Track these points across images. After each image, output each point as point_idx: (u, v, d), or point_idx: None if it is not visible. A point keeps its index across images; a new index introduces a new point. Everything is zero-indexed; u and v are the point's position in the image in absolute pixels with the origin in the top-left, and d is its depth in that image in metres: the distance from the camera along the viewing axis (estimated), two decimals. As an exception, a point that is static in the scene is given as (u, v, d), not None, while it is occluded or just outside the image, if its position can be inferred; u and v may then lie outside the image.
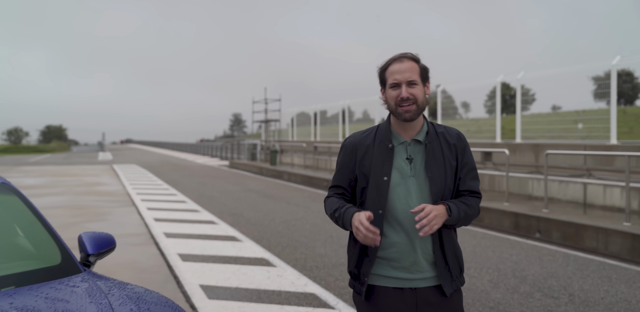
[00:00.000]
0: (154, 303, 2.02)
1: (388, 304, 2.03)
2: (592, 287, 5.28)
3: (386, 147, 2.07)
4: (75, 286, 2.11)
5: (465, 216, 2.05)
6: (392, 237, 2.03)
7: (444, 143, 2.11)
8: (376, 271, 2.06)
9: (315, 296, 4.96)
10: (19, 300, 1.91)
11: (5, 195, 2.59)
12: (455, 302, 2.10)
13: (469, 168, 2.14)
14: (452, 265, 2.07)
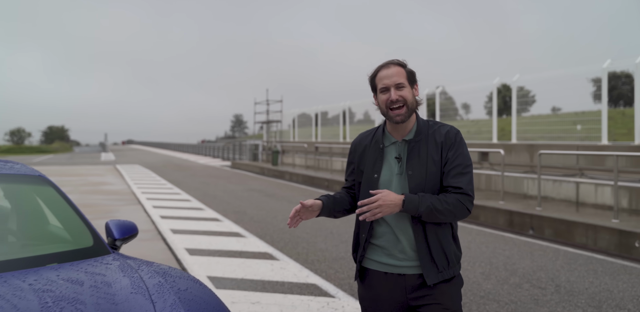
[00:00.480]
0: (179, 277, 2.33)
1: (379, 286, 2.21)
2: (578, 279, 5.59)
3: (378, 148, 2.26)
4: (108, 263, 2.43)
5: (435, 211, 2.07)
6: (381, 228, 2.21)
7: (432, 142, 2.20)
8: (370, 255, 2.24)
9: (316, 286, 5.27)
10: (64, 273, 2.23)
11: (41, 186, 2.91)
12: (445, 292, 2.17)
13: (455, 164, 2.16)
14: (437, 258, 2.14)
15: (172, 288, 2.17)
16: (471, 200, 2.15)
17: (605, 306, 4.70)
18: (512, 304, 4.72)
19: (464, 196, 2.13)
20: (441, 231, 2.17)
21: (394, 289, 2.19)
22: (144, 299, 2.05)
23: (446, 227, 2.19)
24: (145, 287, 2.15)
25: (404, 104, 2.17)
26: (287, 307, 4.58)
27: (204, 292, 2.24)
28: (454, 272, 2.19)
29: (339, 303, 4.73)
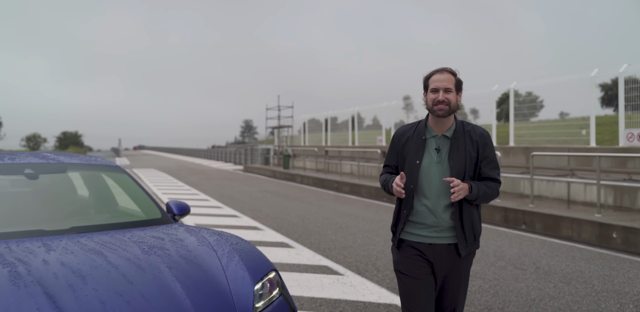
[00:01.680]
0: (229, 236, 3.18)
1: (411, 252, 2.68)
2: (556, 263, 6.38)
3: (421, 139, 2.68)
4: (176, 228, 3.29)
5: (485, 195, 2.59)
6: (418, 206, 2.65)
7: (468, 139, 2.64)
8: (407, 229, 2.70)
9: (328, 267, 6.11)
10: (148, 232, 3.09)
11: (119, 173, 3.79)
12: (465, 262, 2.66)
13: (489, 160, 2.66)
14: (468, 233, 2.61)
15: (226, 242, 3.02)
16: (500, 184, 2.73)
17: (574, 282, 5.50)
18: (494, 281, 5.53)
19: (498, 184, 2.71)
20: (474, 211, 2.65)
21: (424, 254, 2.66)
22: (208, 249, 2.90)
23: (476, 209, 2.66)
24: (208, 241, 3.01)
25: (448, 104, 2.61)
26: (303, 282, 5.41)
27: (248, 245, 3.09)
28: (476, 247, 2.69)
29: (347, 279, 5.57)
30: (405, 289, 2.70)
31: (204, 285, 2.54)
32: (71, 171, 3.67)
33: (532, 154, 9.83)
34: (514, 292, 5.12)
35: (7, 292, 2.20)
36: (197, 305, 2.39)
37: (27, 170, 3.45)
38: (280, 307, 2.69)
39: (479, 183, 2.60)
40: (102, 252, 2.69)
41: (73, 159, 3.79)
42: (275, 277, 2.85)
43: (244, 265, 2.77)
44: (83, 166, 3.75)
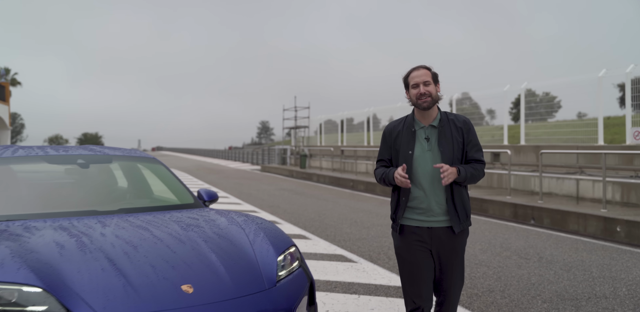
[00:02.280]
0: (255, 217, 3.63)
1: (412, 237, 2.92)
2: (559, 253, 6.73)
3: (410, 131, 2.95)
4: (207, 211, 3.75)
5: (472, 176, 2.86)
6: (415, 192, 2.90)
7: (453, 127, 2.92)
8: (406, 215, 2.94)
9: (342, 256, 6.54)
10: (184, 214, 3.55)
11: (156, 164, 4.27)
12: (460, 239, 2.91)
13: (473, 144, 2.94)
14: (460, 212, 2.87)
15: (252, 221, 3.47)
16: (485, 165, 2.98)
17: (574, 269, 5.85)
18: (498, 268, 5.91)
19: (483, 165, 2.97)
20: (463, 192, 2.92)
21: (423, 238, 2.91)
22: (237, 227, 3.35)
23: (465, 190, 2.94)
24: (236, 221, 3.46)
25: (430, 96, 2.88)
26: (319, 268, 5.84)
27: (271, 225, 3.53)
28: (468, 224, 2.95)
29: (361, 266, 5.99)
30: (405, 272, 2.98)
31: (235, 256, 2.99)
32: (115, 161, 4.16)
33: (541, 152, 10.15)
34: (516, 277, 5.49)
35: (77, 256, 2.67)
36: (230, 271, 2.84)
37: (79, 160, 3.94)
38: (300, 276, 3.12)
39: (466, 166, 2.89)
40: (148, 228, 3.16)
41: (116, 152, 4.28)
42: (295, 252, 3.28)
43: (268, 240, 3.21)
44: (125, 157, 4.24)
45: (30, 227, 3.02)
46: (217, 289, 2.71)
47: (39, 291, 2.41)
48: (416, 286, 2.93)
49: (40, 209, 3.44)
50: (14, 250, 2.63)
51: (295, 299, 2.93)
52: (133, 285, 2.57)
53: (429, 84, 2.90)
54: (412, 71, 2.95)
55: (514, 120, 26.27)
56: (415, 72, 2.92)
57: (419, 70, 2.92)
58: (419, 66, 2.95)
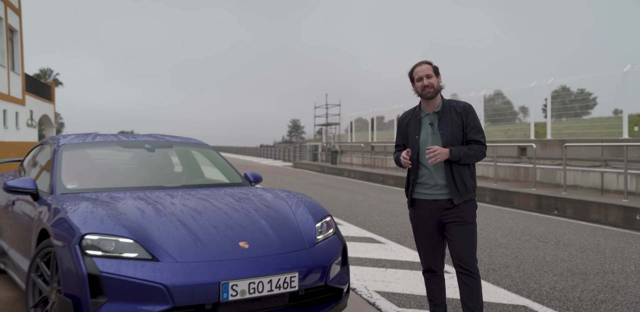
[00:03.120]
0: (297, 193, 4.23)
1: (421, 208, 3.37)
2: (577, 238, 7.14)
3: (417, 118, 3.40)
4: (254, 188, 4.36)
5: (466, 155, 3.21)
6: (422, 171, 3.34)
7: (454, 112, 3.30)
8: (416, 190, 3.39)
9: (372, 238, 7.11)
10: (236, 190, 4.18)
11: (208, 149, 4.93)
12: (464, 209, 3.26)
13: (472, 126, 3.30)
14: (460, 187, 3.25)
15: (294, 196, 4.07)
16: (486, 147, 3.30)
17: (588, 251, 6.28)
18: (517, 249, 6.38)
19: (482, 146, 3.30)
20: (462, 170, 3.30)
21: (431, 209, 3.33)
22: (281, 200, 3.95)
23: (464, 168, 3.30)
24: (280, 196, 4.06)
25: (432, 87, 3.30)
26: (350, 248, 6.41)
27: (310, 199, 4.11)
28: (470, 197, 3.30)
29: (388, 246, 6.55)
30: (418, 238, 3.45)
31: (280, 222, 3.59)
32: (175, 146, 4.83)
33: (565, 145, 10.49)
34: (532, 256, 5.96)
35: (155, 218, 3.32)
36: (277, 233, 3.44)
37: (146, 145, 4.62)
38: (334, 240, 3.70)
39: (461, 147, 3.23)
40: (208, 199, 3.79)
41: (175, 138, 4.95)
42: (331, 221, 3.86)
43: (308, 211, 3.80)
44: (183, 143, 4.91)
45: (115, 197, 3.69)
46: (267, 246, 3.32)
47: (131, 242, 3.06)
48: (426, 250, 3.45)
49: (119, 184, 4.12)
50: (108, 212, 3.29)
51: (330, 257, 3.52)
52: (201, 240, 3.20)
53: (431, 77, 3.31)
54: (415, 67, 3.37)
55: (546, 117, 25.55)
56: (418, 67, 3.35)
57: (422, 65, 3.35)
58: (421, 62, 3.38)
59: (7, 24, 20.77)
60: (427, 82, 3.30)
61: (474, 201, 3.38)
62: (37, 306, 3.38)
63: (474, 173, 3.41)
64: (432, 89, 3.31)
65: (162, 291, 2.90)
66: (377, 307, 4.14)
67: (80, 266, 2.94)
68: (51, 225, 3.26)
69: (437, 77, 3.36)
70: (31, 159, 5.01)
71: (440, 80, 3.38)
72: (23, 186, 3.82)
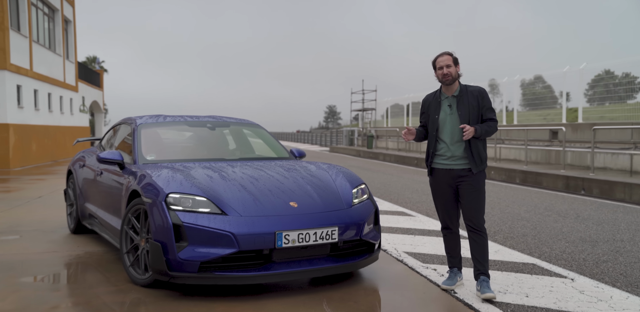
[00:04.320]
0: (336, 165, 4.94)
1: (440, 177, 4.00)
2: (597, 214, 7.64)
3: (437, 101, 4.02)
4: (300, 161, 5.09)
5: (486, 132, 3.84)
6: (440, 145, 3.97)
7: (470, 95, 3.91)
8: (435, 160, 4.03)
9: (403, 212, 7.78)
10: (284, 162, 4.92)
11: (259, 129, 5.69)
12: (476, 177, 3.88)
13: (486, 108, 3.91)
14: (476, 158, 3.87)
15: (334, 167, 4.78)
16: (497, 122, 3.97)
17: (604, 224, 6.79)
18: (536, 222, 6.95)
19: (495, 123, 3.95)
20: (479, 144, 3.92)
21: (447, 177, 3.98)
22: (323, 171, 4.66)
23: (480, 142, 3.93)
24: (322, 167, 4.77)
25: (450, 75, 3.90)
26: (383, 220, 7.09)
27: (348, 170, 4.82)
28: (484, 167, 3.96)
29: (418, 218, 7.22)
30: (436, 201, 4.12)
31: (323, 187, 4.31)
32: (232, 125, 5.61)
33: (594, 128, 10.84)
34: (549, 228, 6.53)
35: (221, 182, 4.08)
36: (320, 196, 4.17)
37: (208, 125, 5.41)
38: (368, 204, 4.40)
39: (482, 125, 3.87)
40: (262, 169, 4.54)
41: (231, 119, 5.73)
42: (365, 188, 4.56)
43: (346, 179, 4.51)
44: (237, 123, 5.68)
45: (187, 166, 4.48)
46: (312, 206, 4.05)
47: (204, 200, 3.84)
48: (443, 211, 4.11)
49: (188, 156, 4.93)
50: (184, 177, 4.08)
51: (364, 217, 4.22)
52: (259, 200, 3.96)
53: (450, 67, 3.90)
54: (438, 57, 3.99)
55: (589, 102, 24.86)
56: (440, 58, 3.96)
57: (443, 56, 3.97)
58: (443, 53, 4.00)
59: (63, 15, 22.05)
60: (447, 71, 3.93)
61: (484, 171, 4.03)
62: (129, 252, 4.22)
63: (485, 147, 4.07)
64: (450, 77, 3.93)
65: (231, 238, 3.68)
66: (405, 263, 4.83)
67: (167, 218, 3.74)
68: (141, 187, 4.07)
69: (456, 66, 3.99)
70: (110, 138, 5.88)
71: (459, 69, 3.99)
72: (113, 157, 4.66)
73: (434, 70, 4.04)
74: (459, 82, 4.06)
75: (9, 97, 15.82)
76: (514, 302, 3.73)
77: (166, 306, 3.61)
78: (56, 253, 5.18)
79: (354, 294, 3.92)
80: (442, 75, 3.95)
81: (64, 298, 3.86)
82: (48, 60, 19.94)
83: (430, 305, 3.76)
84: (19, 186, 11.35)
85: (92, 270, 4.57)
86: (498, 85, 21.59)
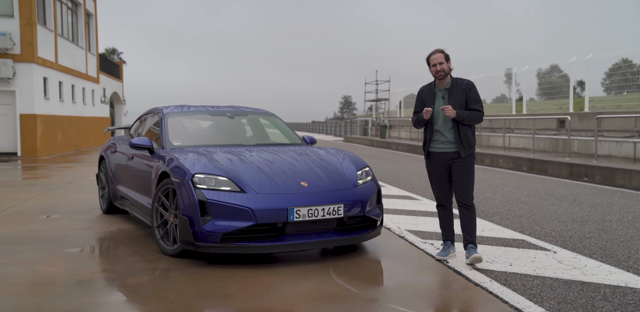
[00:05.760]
0: (344, 150, 5.44)
1: (435, 159, 4.51)
2: (594, 198, 8.05)
3: (432, 93, 4.53)
4: (311, 147, 5.60)
5: (468, 117, 4.29)
6: (435, 132, 4.47)
7: (459, 88, 4.39)
8: (431, 145, 4.52)
9: (409, 196, 8.27)
10: (297, 148, 5.44)
11: (275, 118, 6.21)
12: (466, 160, 4.38)
13: (472, 99, 4.37)
14: (465, 143, 4.35)
15: (341, 152, 5.28)
16: (483, 114, 4.43)
17: (599, 207, 7.22)
18: (533, 205, 7.39)
19: (480, 113, 4.41)
20: (467, 130, 4.41)
21: (441, 159, 4.49)
22: (331, 155, 5.16)
23: (468, 128, 4.41)
24: (331, 152, 5.28)
25: (443, 71, 4.40)
26: (390, 204, 7.59)
27: (354, 154, 5.32)
28: (472, 152, 4.45)
29: (422, 202, 7.70)
30: (432, 181, 4.69)
31: (330, 169, 4.82)
32: (249, 114, 6.14)
33: (597, 116, 11.17)
34: (546, 210, 6.98)
35: (240, 164, 4.61)
36: (328, 177, 4.68)
37: (227, 114, 5.95)
38: (371, 184, 4.90)
39: (465, 111, 4.37)
40: (277, 154, 5.06)
41: (248, 109, 6.27)
42: (369, 170, 5.06)
43: (351, 162, 5.02)
44: (254, 112, 6.21)
45: (209, 151, 5.01)
46: (320, 185, 4.57)
47: (226, 180, 4.38)
48: (438, 190, 4.64)
49: (210, 142, 5.47)
50: (208, 159, 4.62)
51: (367, 195, 4.73)
52: (274, 180, 4.48)
53: (443, 63, 4.40)
54: (431, 55, 4.47)
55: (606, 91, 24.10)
56: (433, 56, 4.45)
57: (436, 54, 4.46)
58: (435, 50, 4.49)
59: (85, 9, 22.72)
60: (440, 68, 4.43)
61: (474, 154, 4.53)
62: (159, 226, 4.79)
63: (474, 133, 4.56)
64: (443, 72, 4.43)
65: (249, 212, 4.21)
66: (406, 239, 5.34)
67: (193, 195, 4.29)
68: (170, 168, 4.62)
69: (448, 62, 4.47)
70: (138, 127, 6.45)
71: (450, 64, 4.48)
72: (144, 143, 5.22)
73: (428, 66, 4.51)
74: (451, 75, 4.54)
75: (36, 88, 16.54)
76: (497, 269, 4.23)
77: (193, 272, 4.17)
78: (92, 229, 5.78)
79: (357, 263, 4.44)
80: (435, 71, 4.43)
81: (103, 265, 4.44)
82: (72, 52, 20.64)
83: (425, 272, 4.26)
84: (49, 172, 12.04)
85: (125, 244, 5.15)
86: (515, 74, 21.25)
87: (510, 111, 20.06)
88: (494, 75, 21.87)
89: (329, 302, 3.49)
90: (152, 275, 4.13)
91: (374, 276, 4.15)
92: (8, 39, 15.57)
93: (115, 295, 3.70)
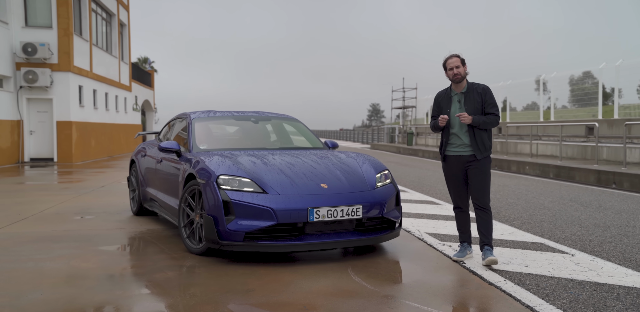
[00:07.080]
0: (364, 154, 5.59)
1: (451, 162, 4.60)
2: (620, 205, 7.98)
3: (448, 97, 4.63)
4: (332, 151, 5.77)
5: (484, 122, 4.40)
6: (451, 135, 4.56)
7: (475, 92, 4.49)
8: (447, 148, 4.62)
9: (431, 201, 8.34)
10: (319, 152, 5.60)
11: (298, 123, 6.40)
12: (482, 162, 4.47)
13: (488, 103, 4.47)
14: (480, 146, 4.45)
15: (361, 156, 5.43)
16: (499, 117, 4.54)
17: (623, 213, 7.16)
18: (557, 211, 7.38)
19: (496, 117, 4.51)
20: (483, 134, 4.51)
21: (458, 162, 4.59)
22: (352, 159, 5.31)
23: (484, 131, 4.51)
24: (351, 156, 5.43)
25: (459, 75, 4.50)
26: (412, 208, 7.68)
27: (374, 158, 5.45)
28: (488, 154, 4.54)
29: (444, 207, 7.77)
30: (449, 184, 4.80)
31: (350, 172, 4.97)
32: (273, 119, 6.35)
33: (625, 123, 11.04)
34: (568, 215, 6.96)
35: (263, 167, 4.80)
36: (347, 179, 4.83)
37: (252, 119, 6.17)
38: (390, 187, 5.03)
39: (481, 116, 4.46)
40: (299, 157, 5.24)
41: (272, 114, 6.47)
42: (388, 173, 5.19)
43: (371, 165, 5.16)
44: (278, 118, 6.41)
45: (234, 154, 5.23)
46: (340, 187, 4.72)
47: (249, 181, 4.57)
48: (455, 192, 4.72)
49: (235, 145, 5.69)
50: (232, 162, 4.82)
51: (386, 198, 4.86)
52: (295, 181, 4.65)
53: (459, 67, 4.50)
54: (447, 59, 4.58)
55: None
56: (450, 60, 4.56)
57: (452, 58, 4.56)
58: (452, 55, 4.58)
59: (119, 20, 23.49)
60: (457, 71, 4.53)
61: (489, 157, 4.61)
62: (186, 226, 5.00)
63: (490, 136, 4.65)
64: (459, 76, 4.54)
65: (271, 212, 4.39)
66: (425, 241, 5.44)
67: (218, 196, 4.49)
68: (196, 170, 4.84)
69: (464, 66, 4.57)
70: (167, 131, 6.72)
71: (466, 68, 4.58)
72: (171, 147, 5.46)
73: (445, 71, 4.63)
74: (467, 80, 4.64)
75: (72, 96, 17.17)
76: (513, 270, 4.30)
77: (217, 269, 4.35)
78: (123, 229, 6.04)
79: (376, 263, 4.57)
80: (452, 75, 4.54)
81: (132, 262, 4.67)
82: (105, 61, 21.34)
83: (441, 271, 4.36)
84: (83, 177, 12.50)
85: (153, 243, 5.38)
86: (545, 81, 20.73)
87: (538, 118, 19.86)
88: (523, 81, 21.60)
89: (345, 297, 3.63)
90: (179, 271, 4.33)
91: (391, 275, 4.26)
92: (47, 49, 16.24)
93: (143, 289, 3.91)
